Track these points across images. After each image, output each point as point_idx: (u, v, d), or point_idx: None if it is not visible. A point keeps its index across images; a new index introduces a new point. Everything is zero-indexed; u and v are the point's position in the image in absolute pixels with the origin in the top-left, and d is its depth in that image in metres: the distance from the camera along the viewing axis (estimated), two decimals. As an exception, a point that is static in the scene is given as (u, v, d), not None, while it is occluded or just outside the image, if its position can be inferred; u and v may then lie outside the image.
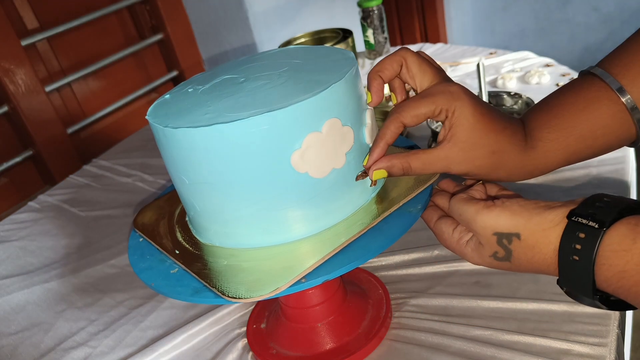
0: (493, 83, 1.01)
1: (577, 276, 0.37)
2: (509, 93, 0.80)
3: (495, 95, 0.81)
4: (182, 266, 0.46)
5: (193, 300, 0.43)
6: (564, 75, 0.99)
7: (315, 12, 1.89)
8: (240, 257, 0.45)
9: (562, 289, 0.40)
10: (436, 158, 0.45)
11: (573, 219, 0.37)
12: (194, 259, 0.47)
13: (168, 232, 0.52)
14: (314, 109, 0.40)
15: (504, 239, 0.41)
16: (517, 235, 0.40)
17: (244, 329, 0.59)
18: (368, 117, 0.45)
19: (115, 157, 1.10)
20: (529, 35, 2.35)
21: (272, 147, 0.40)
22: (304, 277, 0.40)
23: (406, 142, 0.58)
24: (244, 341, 0.57)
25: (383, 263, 0.63)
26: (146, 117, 0.46)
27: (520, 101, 0.78)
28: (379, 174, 0.45)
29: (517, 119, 0.48)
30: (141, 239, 0.53)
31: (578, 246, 0.36)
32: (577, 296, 0.39)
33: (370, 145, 0.46)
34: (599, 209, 0.37)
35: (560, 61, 1.06)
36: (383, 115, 0.93)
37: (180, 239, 0.50)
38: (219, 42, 1.68)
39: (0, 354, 0.64)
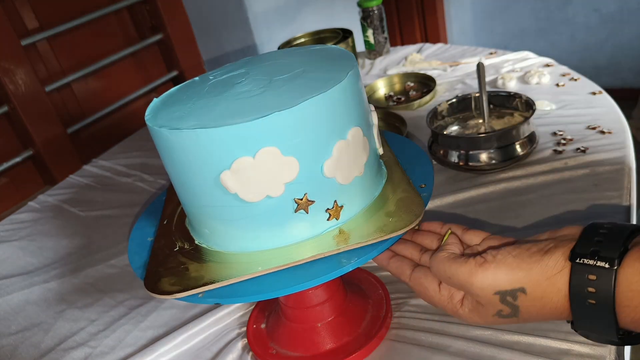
0: (493, 83, 1.01)
1: (597, 320, 0.35)
2: (509, 93, 0.80)
3: (495, 95, 0.81)
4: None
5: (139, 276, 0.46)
6: (564, 75, 0.99)
7: (315, 12, 1.90)
8: (205, 255, 0.46)
9: (577, 332, 0.38)
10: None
11: (577, 261, 0.35)
12: (170, 245, 0.49)
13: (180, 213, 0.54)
14: (248, 132, 0.39)
15: (508, 296, 0.38)
16: (522, 290, 0.37)
17: (244, 329, 0.59)
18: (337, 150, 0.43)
19: (115, 157, 1.10)
20: (529, 35, 2.35)
21: (208, 161, 0.41)
22: (201, 293, 0.42)
23: (405, 141, 0.58)
24: (244, 341, 0.57)
25: (383, 263, 0.63)
26: (147, 109, 0.47)
27: (520, 101, 0.78)
28: None
29: None
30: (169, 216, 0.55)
31: (592, 289, 0.34)
32: (596, 337, 0.37)
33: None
34: (601, 245, 0.35)
35: (560, 61, 1.06)
36: (383, 115, 0.93)
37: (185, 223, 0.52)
38: (219, 42, 1.68)
39: (0, 354, 0.64)
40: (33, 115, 1.09)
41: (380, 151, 0.50)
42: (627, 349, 0.57)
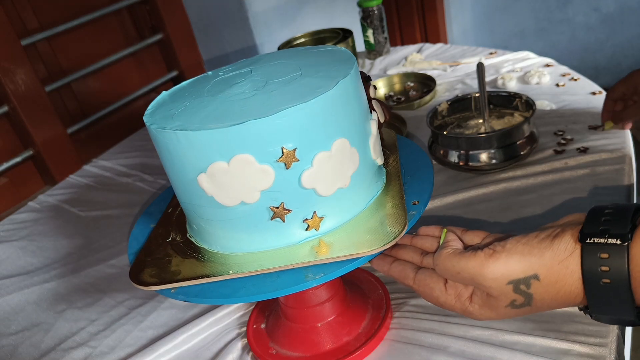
0: (493, 83, 1.01)
1: (612, 299, 0.35)
2: (509, 93, 0.80)
3: (495, 95, 0.81)
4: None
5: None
6: (564, 75, 0.99)
7: (315, 12, 1.89)
8: (189, 250, 0.47)
9: (591, 317, 0.37)
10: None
11: (588, 241, 0.35)
12: (165, 235, 0.50)
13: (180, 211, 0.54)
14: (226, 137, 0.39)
15: (522, 284, 0.37)
16: (536, 277, 0.37)
17: (244, 329, 0.59)
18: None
19: (115, 157, 1.10)
20: (529, 35, 2.35)
21: (187, 162, 0.41)
22: (173, 289, 0.43)
23: (405, 141, 0.58)
24: (244, 341, 0.57)
25: (383, 263, 0.63)
26: (152, 102, 0.48)
27: (520, 101, 0.78)
28: None
29: None
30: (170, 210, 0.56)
31: (605, 268, 0.34)
32: (611, 319, 0.37)
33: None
34: (609, 223, 0.34)
35: (560, 61, 1.06)
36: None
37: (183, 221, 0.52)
38: (219, 42, 1.68)
39: (0, 354, 0.64)
40: (33, 115, 1.08)
41: (379, 162, 0.49)
42: (627, 350, 0.57)
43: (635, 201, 0.67)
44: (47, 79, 1.18)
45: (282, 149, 0.40)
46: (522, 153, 0.73)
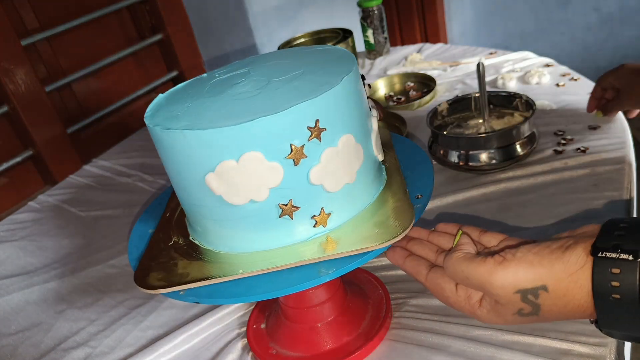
0: (493, 83, 1.01)
1: (622, 315, 0.34)
2: (509, 93, 0.80)
3: (495, 95, 0.81)
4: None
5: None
6: (564, 75, 0.99)
7: (315, 12, 1.89)
8: (195, 252, 0.47)
9: (601, 331, 0.37)
10: None
11: (600, 255, 0.34)
12: (167, 239, 0.50)
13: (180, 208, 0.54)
14: (238, 134, 0.39)
15: (529, 294, 0.37)
16: (544, 288, 0.36)
17: (244, 329, 0.59)
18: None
19: (115, 157, 1.10)
20: (529, 35, 2.35)
21: (195, 162, 0.41)
22: (182, 291, 0.42)
23: (405, 141, 0.58)
24: (244, 341, 0.57)
25: (383, 263, 0.63)
26: (150, 105, 0.48)
27: (520, 101, 0.78)
28: None
29: None
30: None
31: (616, 283, 0.33)
32: (622, 335, 0.36)
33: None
34: (623, 238, 0.34)
35: (560, 61, 1.06)
36: (383, 115, 0.93)
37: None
38: (219, 42, 1.68)
39: (0, 354, 0.64)
40: (33, 115, 1.08)
41: (380, 158, 0.49)
42: (627, 349, 0.57)
43: (635, 202, 0.67)
44: (47, 79, 1.18)
45: (291, 145, 0.40)
46: (522, 153, 0.73)
